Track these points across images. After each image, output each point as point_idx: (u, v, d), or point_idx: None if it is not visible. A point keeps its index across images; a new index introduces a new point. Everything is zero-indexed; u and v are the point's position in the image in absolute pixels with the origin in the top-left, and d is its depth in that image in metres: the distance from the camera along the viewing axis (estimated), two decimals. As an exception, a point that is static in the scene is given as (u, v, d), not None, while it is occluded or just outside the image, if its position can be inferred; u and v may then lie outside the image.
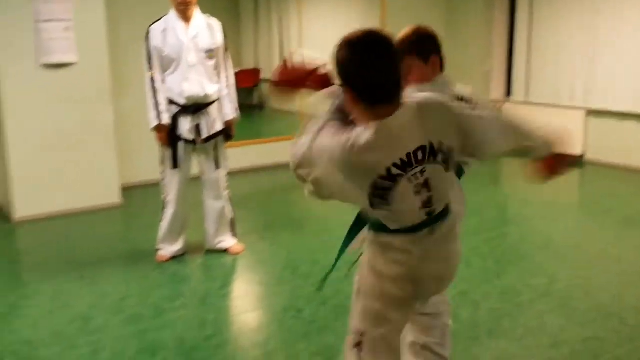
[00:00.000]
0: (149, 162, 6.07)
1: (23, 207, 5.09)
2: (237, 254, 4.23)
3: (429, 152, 1.71)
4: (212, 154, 4.07)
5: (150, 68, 3.91)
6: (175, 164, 3.97)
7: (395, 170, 1.67)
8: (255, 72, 10.97)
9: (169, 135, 3.94)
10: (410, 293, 1.88)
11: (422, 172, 1.71)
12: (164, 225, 4.11)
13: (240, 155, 6.38)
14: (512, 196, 6.05)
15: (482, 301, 3.44)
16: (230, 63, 4.13)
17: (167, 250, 4.15)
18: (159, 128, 3.91)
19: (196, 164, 4.13)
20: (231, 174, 4.38)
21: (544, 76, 7.16)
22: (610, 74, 6.52)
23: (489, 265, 4.00)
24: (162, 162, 4.04)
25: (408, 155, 1.68)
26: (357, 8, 8.10)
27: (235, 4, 9.39)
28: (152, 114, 3.89)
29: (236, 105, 4.12)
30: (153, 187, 5.92)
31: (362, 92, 1.65)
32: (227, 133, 4.11)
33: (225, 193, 4.19)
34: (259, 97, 10.84)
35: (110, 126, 5.41)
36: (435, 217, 1.80)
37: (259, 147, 6.95)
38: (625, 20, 6.36)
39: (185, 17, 3.88)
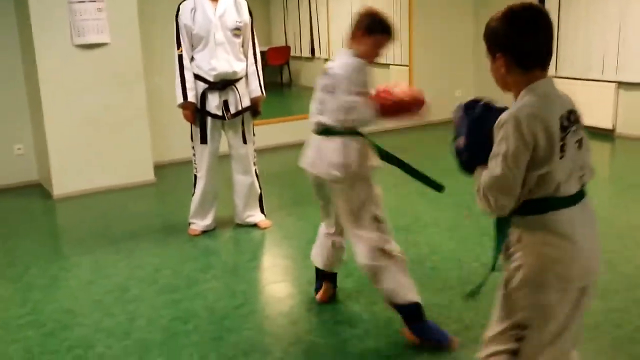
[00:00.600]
0: (180, 141, 6.22)
1: (61, 184, 5.30)
2: (265, 228, 4.36)
3: (578, 117, 1.84)
4: (240, 129, 4.18)
5: (179, 46, 4.02)
6: (204, 139, 4.09)
7: (559, 127, 1.76)
8: (285, 49, 11.03)
9: (198, 111, 4.05)
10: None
11: (575, 131, 1.81)
12: (195, 200, 4.26)
13: (269, 132, 6.50)
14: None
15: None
16: (256, 41, 4.21)
17: (199, 224, 4.29)
18: (185, 105, 4.03)
19: (225, 141, 4.25)
20: (260, 151, 4.49)
21: (574, 50, 7.07)
22: (641, 46, 6.42)
23: (513, 238, 4.05)
24: (192, 138, 4.17)
25: (568, 113, 1.80)
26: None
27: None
28: (179, 91, 4.01)
29: (262, 82, 4.22)
30: (184, 165, 6.08)
31: (523, 58, 1.80)
32: (254, 109, 4.22)
33: (254, 168, 4.30)
34: (288, 74, 10.91)
35: (143, 105, 5.57)
36: (582, 192, 1.84)
37: (287, 125, 7.04)
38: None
39: None
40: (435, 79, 7.94)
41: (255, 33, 4.21)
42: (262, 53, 4.42)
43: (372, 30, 2.81)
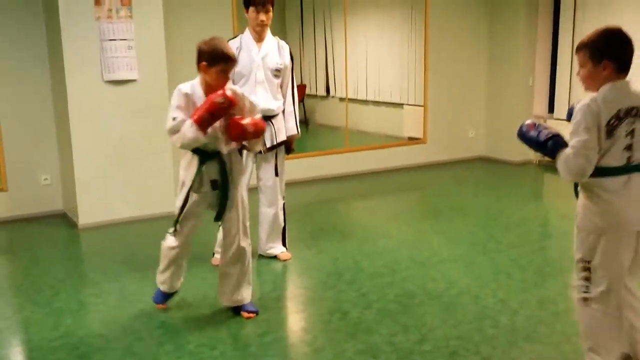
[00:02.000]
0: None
1: (86, 214, 5.47)
2: (285, 260, 4.49)
3: (637, 112, 2.52)
4: (273, 162, 4.39)
5: None
6: None
7: (622, 114, 2.49)
8: (301, 88, 11.27)
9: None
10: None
11: (632, 122, 2.51)
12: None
13: (287, 168, 6.66)
14: (552, 211, 6.15)
15: (520, 309, 3.60)
16: (294, 82, 4.47)
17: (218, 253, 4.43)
18: None
19: (254, 175, 4.43)
20: (281, 185, 4.62)
21: (586, 94, 7.23)
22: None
23: (527, 276, 4.15)
24: None
25: (630, 108, 2.51)
26: (400, 27, 8.34)
27: (282, 23, 9.73)
28: None
29: (297, 122, 4.47)
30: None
31: (621, 64, 2.54)
32: (287, 146, 4.44)
33: (281, 202, 4.47)
34: (304, 112, 11.14)
35: (167, 139, 5.74)
36: (633, 166, 2.54)
37: (304, 161, 7.21)
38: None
39: (260, 37, 4.24)
40: (449, 119, 8.14)
41: (294, 75, 4.45)
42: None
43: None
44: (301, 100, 11.27)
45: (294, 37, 10.17)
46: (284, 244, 4.58)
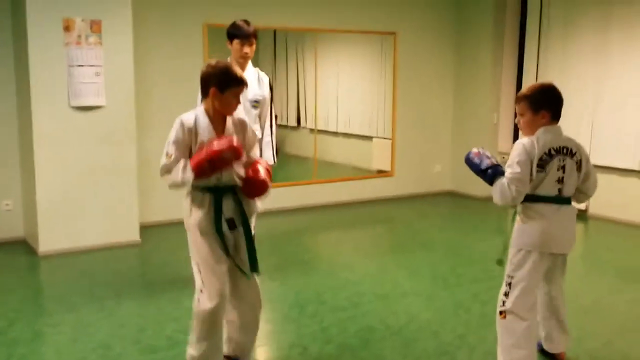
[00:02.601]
0: (166, 202, 6.38)
1: (47, 241, 5.38)
2: None
3: (569, 151, 3.04)
4: None
5: None
6: None
7: (553, 152, 3.00)
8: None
9: None
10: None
11: (563, 160, 3.02)
12: None
13: (254, 198, 6.66)
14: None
15: (478, 345, 3.63)
16: (273, 114, 4.53)
17: None
18: None
19: None
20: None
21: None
22: (614, 131, 6.78)
23: (487, 311, 4.17)
24: None
25: (560, 147, 3.02)
26: (370, 61, 8.47)
27: (255, 53, 9.83)
28: None
29: (275, 152, 4.53)
30: (169, 227, 6.21)
31: (555, 113, 3.08)
32: None
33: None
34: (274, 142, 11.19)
35: (133, 167, 5.72)
36: (563, 198, 3.04)
37: (272, 191, 7.11)
38: (634, 79, 6.64)
39: (242, 68, 4.31)
40: (416, 153, 8.25)
41: (273, 106, 4.51)
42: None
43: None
44: (272, 130, 11.30)
45: (266, 67, 10.26)
46: None
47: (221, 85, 2.90)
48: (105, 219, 5.61)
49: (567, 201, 3.07)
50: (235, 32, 4.29)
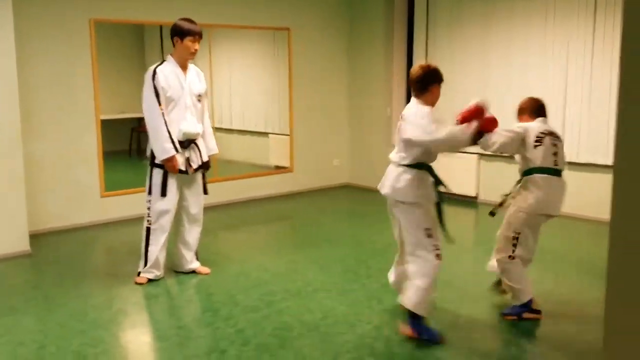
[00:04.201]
0: (57, 209, 6.03)
1: None
2: (206, 274, 4.82)
3: (555, 136, 3.85)
4: (200, 181, 4.69)
5: (160, 104, 4.33)
6: (164, 193, 4.45)
7: (545, 134, 3.80)
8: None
9: (160, 167, 4.41)
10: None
11: (555, 140, 3.82)
12: (155, 250, 4.50)
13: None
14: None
15: (393, 335, 3.72)
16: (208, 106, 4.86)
17: (155, 274, 4.59)
18: (171, 158, 4.38)
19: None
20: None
21: (441, 121, 7.72)
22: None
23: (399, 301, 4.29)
24: (150, 192, 4.44)
25: (547, 131, 3.83)
26: (264, 57, 8.42)
27: (142, 50, 9.47)
28: (168, 145, 4.35)
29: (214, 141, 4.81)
30: (61, 234, 5.86)
31: (541, 113, 3.96)
32: (208, 165, 4.71)
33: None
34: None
35: (20, 173, 5.33)
36: (555, 170, 3.77)
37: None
38: (514, 71, 7.06)
39: (185, 65, 4.51)
40: (315, 148, 8.33)
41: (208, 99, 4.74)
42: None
43: (432, 82, 3.82)
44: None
45: (153, 56, 9.91)
46: (197, 259, 4.89)
47: None
48: (-10, 229, 5.19)
49: (557, 173, 3.78)
50: (188, 30, 4.39)
